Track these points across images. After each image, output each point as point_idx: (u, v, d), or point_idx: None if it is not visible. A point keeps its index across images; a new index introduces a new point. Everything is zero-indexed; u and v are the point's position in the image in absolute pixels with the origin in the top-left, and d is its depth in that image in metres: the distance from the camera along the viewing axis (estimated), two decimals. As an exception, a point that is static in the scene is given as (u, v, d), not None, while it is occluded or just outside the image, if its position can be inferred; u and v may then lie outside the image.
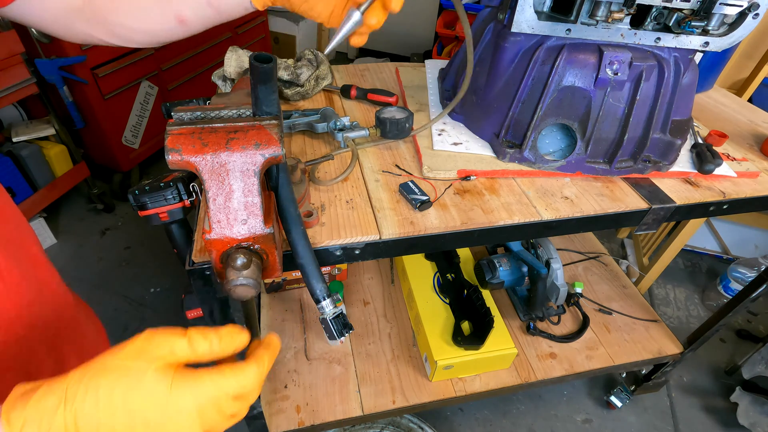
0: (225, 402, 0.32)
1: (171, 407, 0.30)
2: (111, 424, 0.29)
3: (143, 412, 0.29)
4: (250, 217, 0.45)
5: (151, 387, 0.29)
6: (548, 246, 1.26)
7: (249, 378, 0.33)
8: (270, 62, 0.44)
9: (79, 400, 0.29)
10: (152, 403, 0.29)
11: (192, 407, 0.30)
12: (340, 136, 0.82)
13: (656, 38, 0.73)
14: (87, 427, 0.29)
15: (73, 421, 0.28)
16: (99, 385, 0.29)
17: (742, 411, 1.47)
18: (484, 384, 1.25)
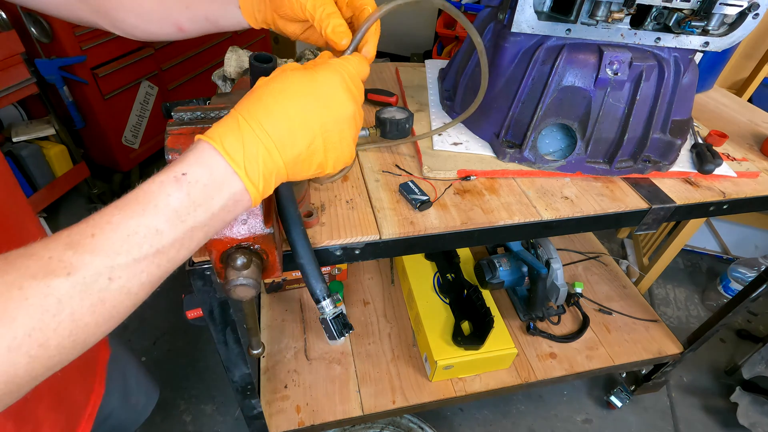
0: (357, 80, 0.44)
1: (325, 85, 0.40)
2: (292, 124, 0.38)
3: (308, 98, 0.39)
4: (250, 217, 0.45)
5: (302, 78, 0.39)
6: (548, 246, 1.26)
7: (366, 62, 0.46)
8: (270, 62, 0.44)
9: (260, 118, 0.37)
10: (307, 87, 0.39)
11: (338, 78, 0.41)
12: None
13: (656, 38, 0.73)
14: (276, 133, 0.37)
15: (265, 137, 0.36)
16: (270, 100, 0.37)
17: (742, 411, 1.47)
18: (484, 384, 1.25)
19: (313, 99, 0.39)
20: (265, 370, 1.22)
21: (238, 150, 0.35)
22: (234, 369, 0.81)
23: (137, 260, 0.32)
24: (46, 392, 0.56)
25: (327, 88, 0.40)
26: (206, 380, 1.55)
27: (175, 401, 1.49)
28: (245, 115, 0.36)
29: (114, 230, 0.31)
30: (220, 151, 0.35)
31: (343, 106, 0.40)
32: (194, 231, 0.35)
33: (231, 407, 1.49)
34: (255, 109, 0.37)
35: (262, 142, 0.36)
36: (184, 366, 1.58)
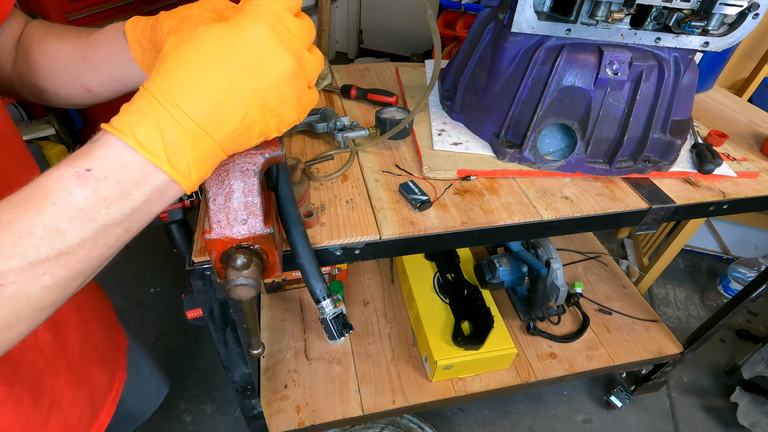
0: (290, 20, 0.34)
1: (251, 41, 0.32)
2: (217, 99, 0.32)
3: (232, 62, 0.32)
4: (250, 217, 0.45)
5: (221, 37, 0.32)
6: (548, 246, 1.26)
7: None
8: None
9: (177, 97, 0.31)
10: (229, 48, 0.32)
11: (265, 27, 0.32)
12: (340, 136, 0.82)
13: (656, 38, 0.73)
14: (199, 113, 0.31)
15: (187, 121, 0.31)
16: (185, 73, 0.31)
17: (742, 411, 1.47)
18: (484, 384, 1.25)
19: (238, 62, 0.32)
20: (265, 370, 1.22)
21: (155, 140, 0.31)
22: (234, 369, 0.81)
23: (34, 264, 0.29)
24: (64, 369, 0.57)
25: (254, 45, 0.32)
26: (206, 380, 1.55)
27: (175, 401, 1.49)
28: (158, 95, 0.31)
29: (3, 231, 0.28)
30: (132, 145, 0.30)
31: (277, 64, 0.33)
32: (109, 228, 0.32)
33: (231, 407, 1.49)
34: (169, 86, 0.31)
35: (185, 126, 0.31)
36: (184, 366, 1.58)
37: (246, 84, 0.32)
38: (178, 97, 0.31)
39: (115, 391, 0.69)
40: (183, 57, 0.32)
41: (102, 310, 0.71)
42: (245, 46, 0.32)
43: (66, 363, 0.57)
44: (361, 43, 3.73)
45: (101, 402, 0.66)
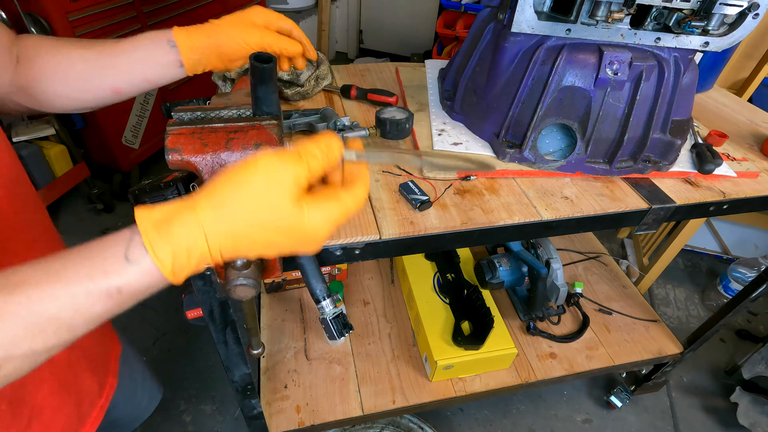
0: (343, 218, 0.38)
1: (308, 233, 0.36)
2: (251, 245, 0.35)
3: (281, 233, 0.35)
4: (250, 217, 0.45)
5: (290, 218, 0.35)
6: (548, 246, 1.26)
7: (360, 197, 0.39)
8: (270, 62, 0.44)
9: (222, 232, 0.34)
10: (290, 228, 0.35)
11: (325, 231, 0.37)
12: (341, 136, 0.82)
13: (656, 38, 0.73)
14: (230, 250, 0.35)
15: (218, 249, 0.34)
16: (237, 218, 0.34)
17: (742, 411, 1.47)
18: (484, 384, 1.25)
19: (280, 231, 0.36)
20: (265, 370, 1.22)
21: (186, 268, 0.34)
22: (234, 369, 0.81)
23: (36, 352, 0.32)
24: (47, 377, 0.56)
25: (309, 243, 0.37)
26: (206, 380, 1.55)
27: (175, 401, 1.49)
28: (209, 231, 0.34)
29: (17, 324, 0.31)
30: (167, 276, 0.33)
31: (314, 245, 0.38)
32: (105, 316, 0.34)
33: (231, 407, 1.49)
34: (219, 226, 0.34)
35: (213, 258, 0.35)
36: (184, 366, 1.58)
37: (275, 243, 0.36)
38: (222, 240, 0.34)
39: (104, 398, 0.69)
40: (237, 201, 0.34)
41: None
42: (295, 226, 0.36)
43: (50, 370, 0.57)
44: (361, 43, 3.73)
45: (89, 409, 0.65)
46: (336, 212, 0.37)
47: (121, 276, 0.33)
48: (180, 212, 0.33)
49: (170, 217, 0.33)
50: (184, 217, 0.33)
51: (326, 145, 0.38)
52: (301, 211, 0.35)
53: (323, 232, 0.37)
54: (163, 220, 0.33)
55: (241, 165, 0.35)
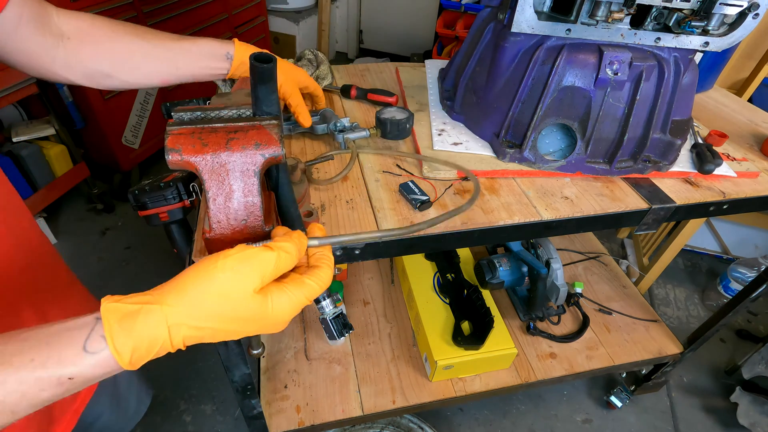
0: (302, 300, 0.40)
1: (271, 318, 0.37)
2: (214, 334, 0.36)
3: (245, 322, 0.37)
4: (250, 217, 0.45)
5: (254, 308, 0.36)
6: (548, 246, 1.26)
7: (325, 279, 0.41)
8: (270, 62, 0.44)
9: (186, 325, 0.35)
10: (254, 317, 0.37)
11: (288, 315, 0.38)
12: (341, 137, 0.82)
13: (656, 38, 0.73)
14: (193, 340, 0.36)
15: (180, 340, 0.35)
16: (201, 312, 0.35)
17: (742, 411, 1.47)
18: (484, 384, 1.25)
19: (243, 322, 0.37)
20: (265, 370, 1.22)
21: (145, 357, 0.35)
22: (234, 369, 0.81)
23: None
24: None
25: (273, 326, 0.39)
26: (206, 380, 1.55)
27: (175, 401, 1.49)
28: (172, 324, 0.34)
29: None
30: (124, 367, 0.34)
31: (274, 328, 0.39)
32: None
33: (231, 407, 1.49)
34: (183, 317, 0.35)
35: (174, 346, 0.35)
36: (184, 366, 1.58)
37: (239, 331, 0.37)
38: (186, 332, 0.35)
39: (78, 403, 0.67)
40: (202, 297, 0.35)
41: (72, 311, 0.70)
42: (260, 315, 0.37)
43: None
44: (361, 43, 3.73)
45: (59, 414, 0.63)
46: (301, 296, 0.39)
47: (76, 366, 0.33)
48: (146, 308, 0.34)
49: (135, 312, 0.34)
50: (149, 313, 0.34)
51: (299, 241, 0.40)
52: (265, 301, 0.37)
53: (288, 317, 0.39)
54: (129, 313, 0.34)
55: (208, 262, 0.36)
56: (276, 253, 0.38)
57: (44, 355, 0.32)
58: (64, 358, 0.33)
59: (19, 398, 0.32)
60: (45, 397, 0.33)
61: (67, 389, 0.33)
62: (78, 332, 0.33)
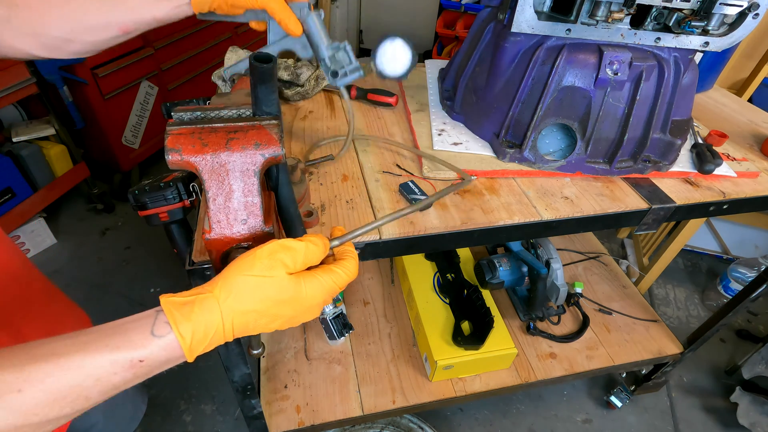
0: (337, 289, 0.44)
1: (305, 301, 0.41)
2: (258, 319, 0.40)
3: (283, 305, 0.40)
4: (250, 217, 0.45)
5: (290, 289, 0.40)
6: (548, 246, 1.26)
7: (351, 268, 0.44)
8: (270, 62, 0.44)
9: (234, 310, 0.38)
10: (291, 299, 0.41)
11: (320, 299, 0.42)
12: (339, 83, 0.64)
13: (656, 38, 0.73)
14: (240, 326, 0.39)
15: (230, 326, 0.38)
16: (246, 295, 0.39)
17: (742, 411, 1.47)
18: (484, 384, 1.25)
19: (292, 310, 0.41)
20: (265, 370, 1.22)
21: (202, 343, 0.37)
22: (234, 369, 0.81)
23: (50, 420, 0.33)
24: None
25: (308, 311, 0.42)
26: (206, 380, 1.55)
27: (175, 401, 1.49)
28: (226, 312, 0.38)
29: (43, 391, 0.32)
30: (186, 354, 0.37)
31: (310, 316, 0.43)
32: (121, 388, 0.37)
33: (231, 407, 1.49)
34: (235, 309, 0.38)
35: (226, 336, 0.39)
36: (184, 366, 1.58)
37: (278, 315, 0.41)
38: (235, 318, 0.38)
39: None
40: (247, 283, 0.39)
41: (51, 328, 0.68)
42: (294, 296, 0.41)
43: None
44: (361, 43, 3.73)
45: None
46: (330, 282, 0.42)
47: (145, 348, 0.36)
48: (200, 297, 0.38)
49: (191, 302, 0.37)
50: (203, 301, 0.38)
51: (322, 240, 0.44)
52: (299, 283, 0.41)
53: (318, 299, 0.42)
54: (186, 303, 0.37)
55: (247, 254, 0.41)
56: (305, 243, 0.42)
57: (116, 340, 0.35)
58: (136, 341, 0.35)
59: (93, 383, 0.34)
60: (116, 381, 0.35)
61: (136, 374, 0.36)
62: (143, 321, 0.37)
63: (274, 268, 0.40)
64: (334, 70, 0.61)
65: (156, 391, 1.49)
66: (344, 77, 0.62)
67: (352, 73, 0.62)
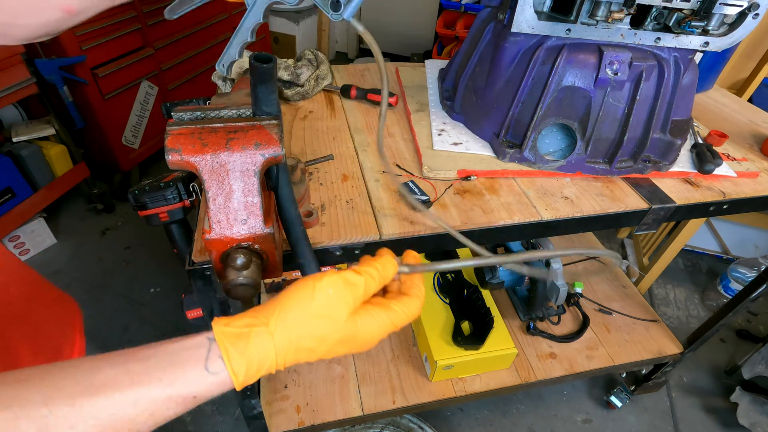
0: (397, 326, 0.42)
1: (361, 340, 0.40)
2: (310, 355, 0.38)
3: (338, 344, 0.39)
4: (250, 217, 0.45)
5: (347, 330, 0.39)
6: (548, 246, 1.26)
7: (413, 308, 0.42)
8: (270, 62, 0.44)
9: (289, 348, 0.37)
10: (347, 339, 0.39)
11: (377, 338, 0.40)
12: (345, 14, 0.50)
13: (656, 38, 0.73)
14: (292, 361, 0.38)
15: (282, 362, 0.37)
16: (302, 333, 0.37)
17: (742, 411, 1.47)
18: (484, 384, 1.25)
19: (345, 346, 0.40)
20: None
21: (254, 376, 0.36)
22: (234, 369, 0.81)
23: None
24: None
25: (362, 347, 0.41)
26: (206, 380, 1.55)
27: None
28: (280, 348, 0.37)
29: (96, 426, 0.31)
30: (237, 387, 0.36)
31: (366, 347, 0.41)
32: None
33: (231, 407, 1.49)
34: (290, 345, 0.37)
35: (279, 368, 0.37)
36: (184, 366, 1.58)
37: (332, 351, 0.40)
38: (287, 353, 0.37)
39: None
40: (303, 319, 0.37)
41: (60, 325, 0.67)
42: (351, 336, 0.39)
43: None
44: (361, 43, 3.73)
45: None
46: (388, 323, 0.40)
47: (200, 385, 0.35)
48: (255, 330, 0.36)
49: (246, 335, 0.36)
50: (258, 335, 0.36)
51: (383, 266, 0.42)
52: (355, 324, 0.39)
53: (375, 339, 0.41)
54: (239, 335, 0.36)
55: (305, 285, 0.39)
56: (363, 277, 0.40)
57: (171, 374, 0.34)
58: (190, 378, 0.34)
59: (147, 417, 0.33)
60: (169, 415, 0.34)
61: (186, 407, 0.35)
62: (196, 353, 0.35)
63: (333, 307, 0.38)
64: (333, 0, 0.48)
65: (156, 391, 1.49)
66: (349, 3, 0.48)
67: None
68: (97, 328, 1.63)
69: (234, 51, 0.54)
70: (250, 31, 0.51)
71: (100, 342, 1.59)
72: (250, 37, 0.52)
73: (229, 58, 0.54)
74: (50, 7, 0.48)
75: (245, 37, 0.51)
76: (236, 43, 0.53)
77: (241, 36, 0.51)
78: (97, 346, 1.58)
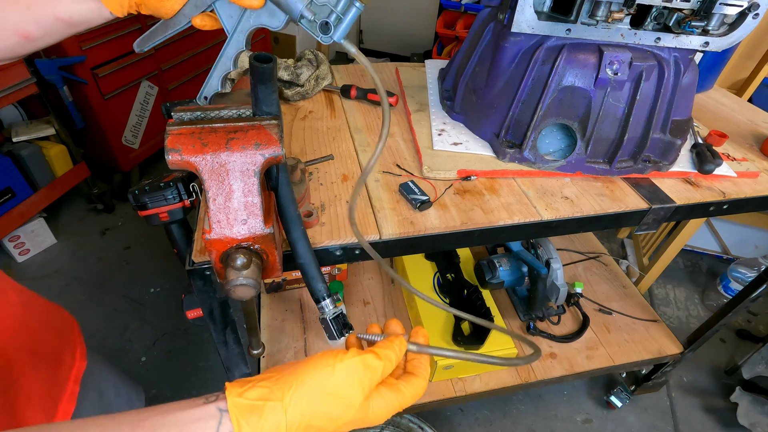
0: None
1: (369, 420, 0.41)
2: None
3: (349, 424, 0.39)
4: (250, 217, 0.45)
5: (359, 413, 0.39)
6: (548, 246, 1.26)
7: (419, 389, 0.43)
8: (270, 62, 0.44)
9: (300, 425, 0.37)
10: (358, 420, 0.40)
11: (384, 417, 0.41)
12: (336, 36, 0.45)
13: (656, 38, 0.73)
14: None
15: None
16: (315, 411, 0.37)
17: (742, 411, 1.47)
18: (484, 384, 1.25)
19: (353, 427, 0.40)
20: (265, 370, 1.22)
21: None
22: (234, 369, 0.81)
23: None
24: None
25: (369, 425, 0.41)
26: (206, 380, 1.55)
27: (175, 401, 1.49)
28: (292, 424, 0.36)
29: None
30: None
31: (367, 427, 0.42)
32: None
33: None
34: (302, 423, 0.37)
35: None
36: (184, 366, 1.58)
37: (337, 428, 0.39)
38: (296, 430, 0.37)
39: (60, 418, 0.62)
40: (319, 398, 0.38)
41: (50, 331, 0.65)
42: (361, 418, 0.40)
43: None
44: (361, 43, 3.73)
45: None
46: (396, 405, 0.41)
47: None
48: (269, 405, 0.36)
49: (259, 408, 0.36)
50: (271, 410, 0.36)
51: (400, 350, 0.43)
52: (368, 408, 0.40)
53: (382, 420, 0.41)
54: (253, 408, 0.35)
55: (325, 362, 0.39)
56: (383, 363, 0.41)
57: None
58: None
59: None
60: None
61: None
62: (206, 424, 0.35)
63: (350, 389, 0.39)
64: (323, 21, 0.43)
65: (156, 391, 1.49)
66: (339, 24, 0.43)
67: (347, 11, 0.43)
68: (97, 328, 1.63)
69: (216, 82, 0.51)
70: (231, 59, 0.49)
71: (100, 342, 1.59)
72: (232, 66, 0.50)
73: (211, 90, 0.52)
74: (5, 33, 0.47)
75: (227, 66, 0.50)
76: (217, 73, 0.51)
77: (223, 65, 0.50)
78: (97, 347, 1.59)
